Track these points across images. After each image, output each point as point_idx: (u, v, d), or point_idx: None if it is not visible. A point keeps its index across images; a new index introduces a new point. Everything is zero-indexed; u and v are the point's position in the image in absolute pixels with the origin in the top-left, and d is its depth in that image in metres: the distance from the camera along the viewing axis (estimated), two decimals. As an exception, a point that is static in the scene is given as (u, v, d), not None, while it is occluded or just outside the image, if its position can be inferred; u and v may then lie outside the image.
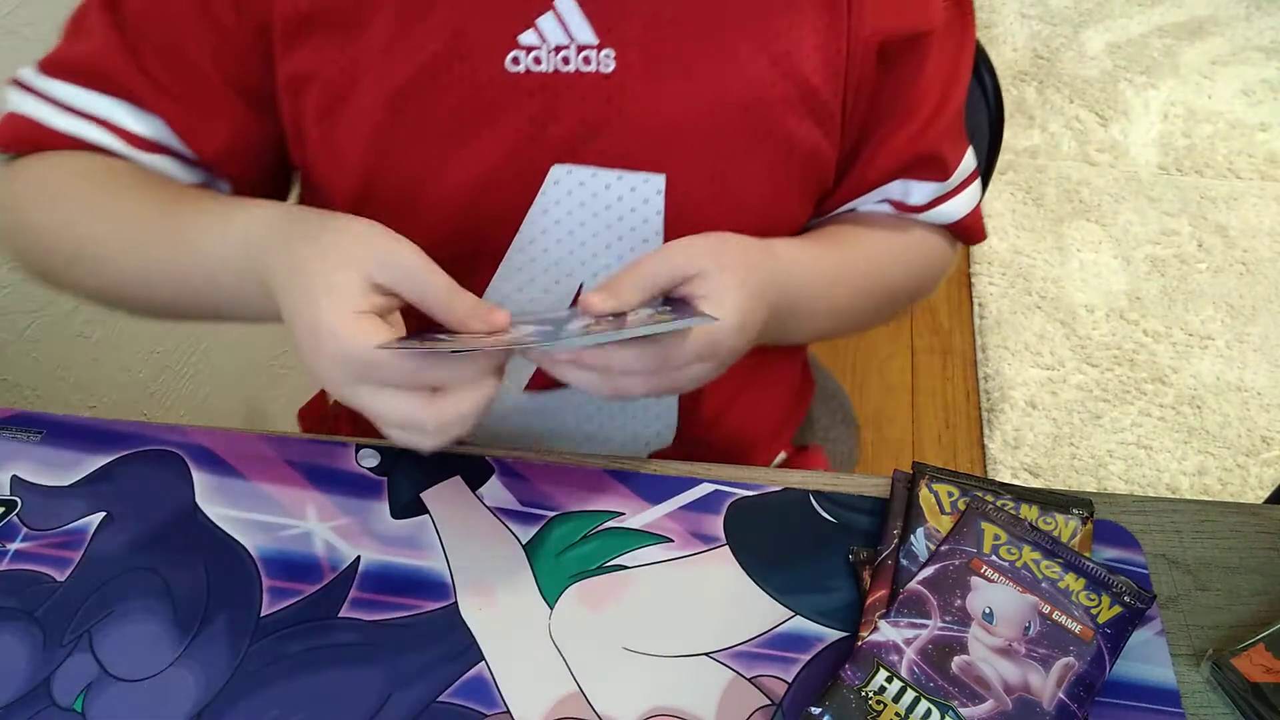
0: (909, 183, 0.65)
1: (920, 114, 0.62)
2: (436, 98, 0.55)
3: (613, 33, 0.54)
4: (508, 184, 0.57)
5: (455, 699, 0.55)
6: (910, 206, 0.66)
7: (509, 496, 0.65)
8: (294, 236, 0.51)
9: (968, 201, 0.68)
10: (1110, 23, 2.65)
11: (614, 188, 0.57)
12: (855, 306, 0.66)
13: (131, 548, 0.62)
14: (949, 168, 0.65)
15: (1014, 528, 0.60)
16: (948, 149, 0.65)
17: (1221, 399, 1.74)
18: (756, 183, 0.59)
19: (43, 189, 0.60)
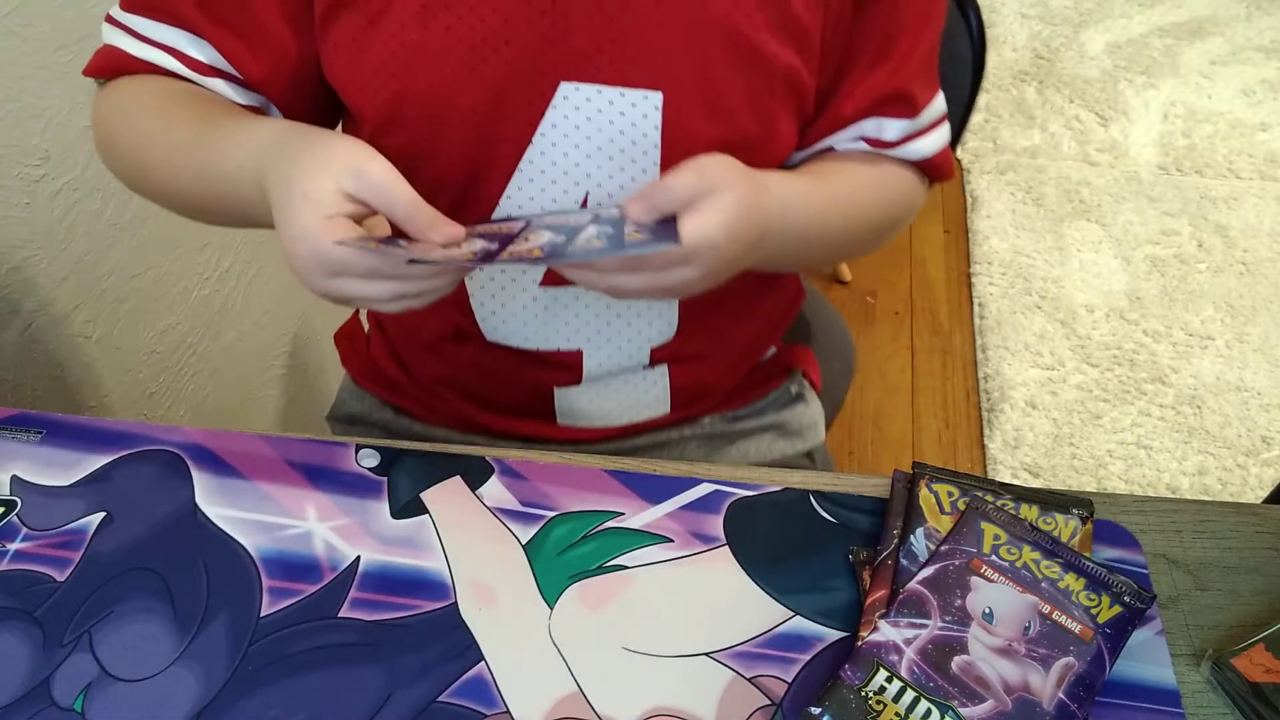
0: (882, 120, 0.69)
1: (894, 53, 0.67)
2: (459, 16, 0.60)
3: None
4: (521, 99, 0.62)
5: (455, 699, 0.55)
6: (883, 143, 0.70)
7: (509, 496, 0.65)
8: (288, 149, 0.57)
9: (937, 141, 0.72)
10: (1110, 23, 2.65)
11: (616, 104, 0.62)
12: (840, 236, 0.70)
13: (131, 548, 0.62)
14: (919, 105, 0.70)
15: (1014, 528, 0.60)
16: (918, 88, 0.69)
17: (1221, 399, 1.74)
18: (744, 102, 0.63)
19: (122, 110, 0.69)
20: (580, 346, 0.73)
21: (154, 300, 1.15)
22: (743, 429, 0.83)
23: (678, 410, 0.79)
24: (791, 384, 0.86)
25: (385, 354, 0.84)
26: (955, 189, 2.22)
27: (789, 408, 0.85)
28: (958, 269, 2.03)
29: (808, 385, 0.89)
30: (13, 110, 0.92)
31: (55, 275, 1.00)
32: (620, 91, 0.62)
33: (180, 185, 0.66)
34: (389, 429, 0.85)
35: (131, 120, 0.68)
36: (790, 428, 0.85)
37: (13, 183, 0.93)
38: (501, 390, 0.78)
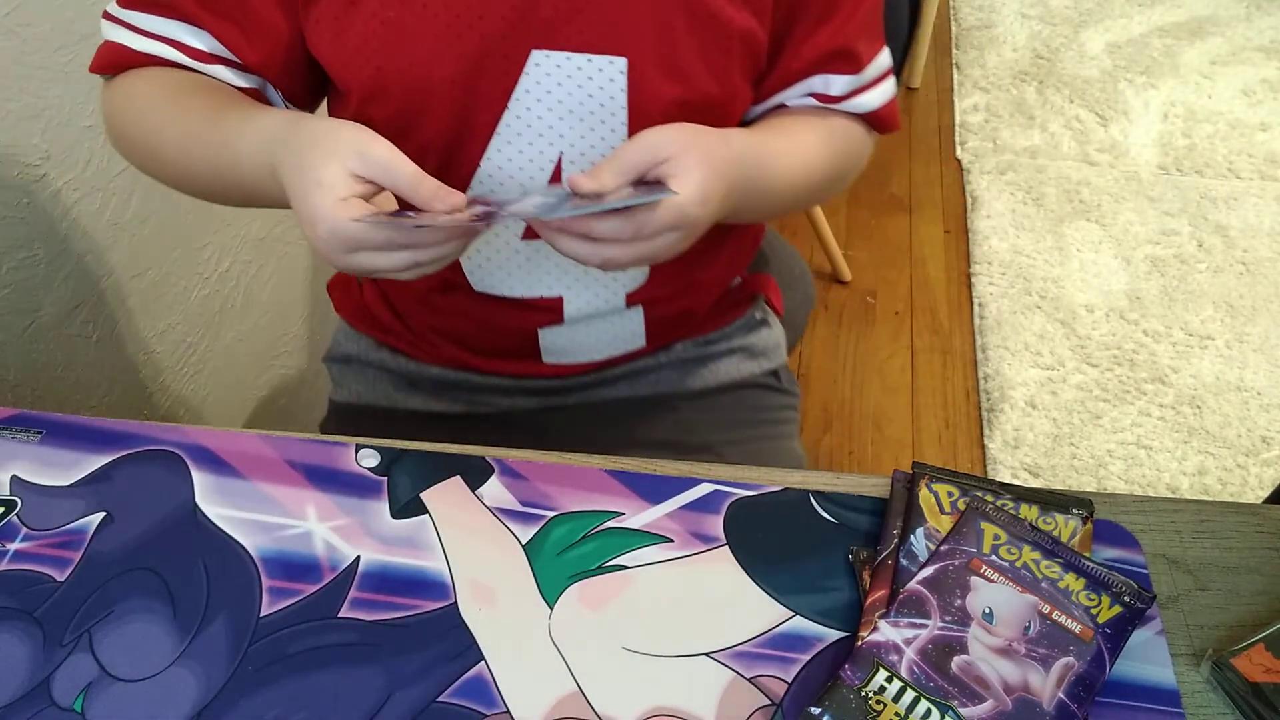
0: (828, 76, 0.74)
1: (838, 12, 0.71)
2: None
3: None
4: (496, 69, 0.66)
5: (455, 699, 0.55)
6: (830, 98, 0.75)
7: (509, 496, 0.65)
8: (295, 141, 0.61)
9: (882, 95, 0.77)
10: (1110, 23, 2.65)
11: (584, 69, 0.66)
12: (796, 186, 0.75)
13: (131, 548, 0.62)
14: (862, 61, 0.74)
15: (1014, 528, 0.60)
16: (862, 45, 0.74)
17: (1221, 399, 1.74)
18: (702, 65, 0.68)
19: (131, 102, 0.72)
20: (561, 293, 0.78)
21: (154, 300, 1.15)
22: (713, 352, 0.89)
23: (653, 342, 0.85)
24: (755, 310, 0.92)
25: (377, 300, 0.87)
26: (955, 189, 2.22)
27: (754, 331, 0.91)
28: (958, 269, 2.03)
29: (770, 311, 0.95)
30: (13, 110, 0.92)
31: (55, 275, 1.00)
32: (587, 58, 0.66)
33: (193, 171, 0.71)
34: (384, 367, 0.89)
35: (142, 112, 0.71)
36: (756, 349, 0.91)
37: (13, 183, 0.93)
38: (490, 335, 0.83)
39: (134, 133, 0.73)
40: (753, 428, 0.88)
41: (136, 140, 0.73)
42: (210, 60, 0.70)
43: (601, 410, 0.87)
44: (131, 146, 0.74)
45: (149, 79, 0.71)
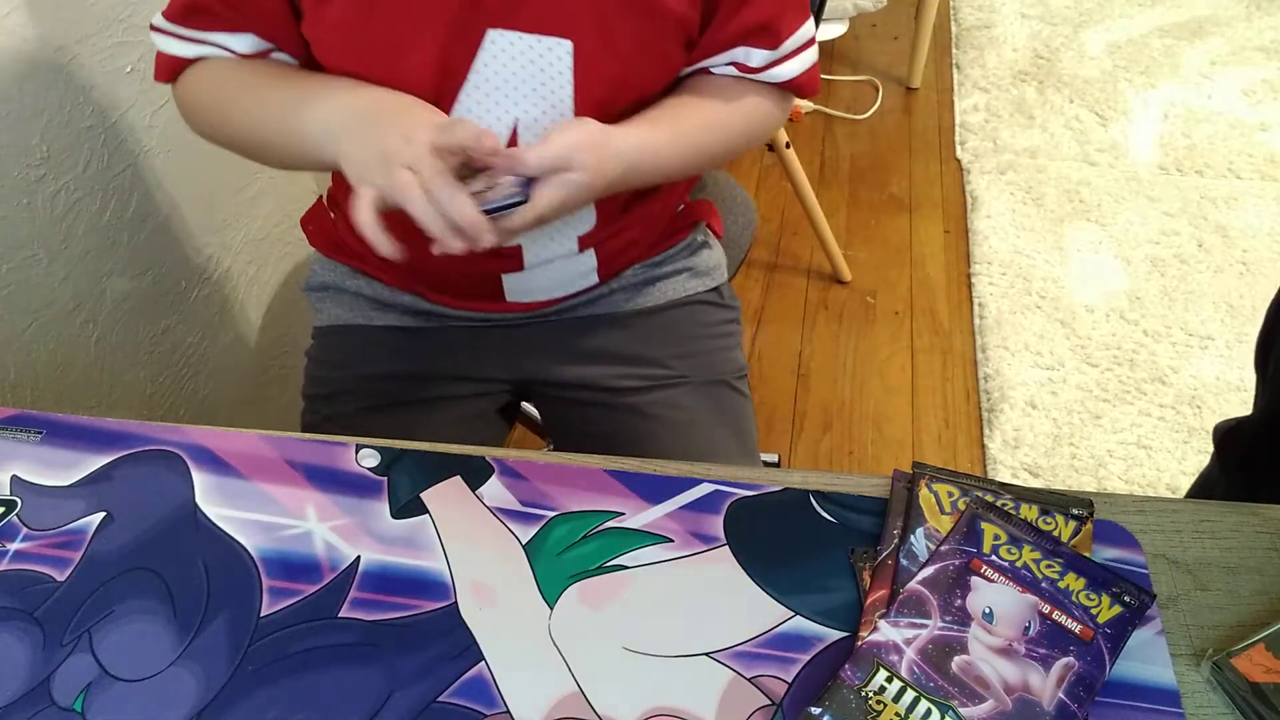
0: (748, 49, 0.81)
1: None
2: None
3: None
4: (459, 46, 0.73)
5: (455, 699, 0.55)
6: (749, 68, 0.83)
7: (509, 496, 0.65)
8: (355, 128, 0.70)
9: (800, 65, 0.84)
10: (1110, 23, 2.65)
11: (535, 48, 0.74)
12: (689, 162, 0.84)
13: (131, 548, 0.62)
14: (781, 37, 0.81)
15: (1014, 528, 0.60)
16: (785, 21, 0.81)
17: (1221, 399, 1.74)
18: (639, 47, 0.76)
19: (198, 98, 0.81)
20: (519, 243, 0.86)
21: (154, 300, 1.15)
22: (660, 274, 0.96)
23: (604, 274, 0.93)
24: (697, 233, 1.00)
25: (349, 231, 0.91)
26: (955, 189, 2.22)
27: (697, 253, 0.99)
28: (958, 269, 2.03)
29: (711, 234, 1.03)
30: (13, 110, 0.92)
31: (55, 275, 1.00)
32: (537, 38, 0.73)
33: (259, 151, 0.80)
34: (360, 292, 0.95)
35: (209, 108, 0.81)
36: (700, 269, 0.99)
37: (13, 183, 0.93)
38: (455, 279, 0.91)
39: (205, 121, 0.82)
40: (699, 341, 0.96)
41: (207, 127, 0.82)
42: (259, 55, 0.79)
43: (561, 326, 0.94)
44: (209, 123, 0.82)
45: (209, 75, 0.80)
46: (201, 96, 0.81)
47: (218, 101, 0.80)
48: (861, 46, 2.66)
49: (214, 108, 0.80)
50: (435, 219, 0.65)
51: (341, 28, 0.73)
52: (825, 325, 1.93)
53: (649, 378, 0.92)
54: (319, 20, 0.74)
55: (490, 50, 0.74)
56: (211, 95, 0.80)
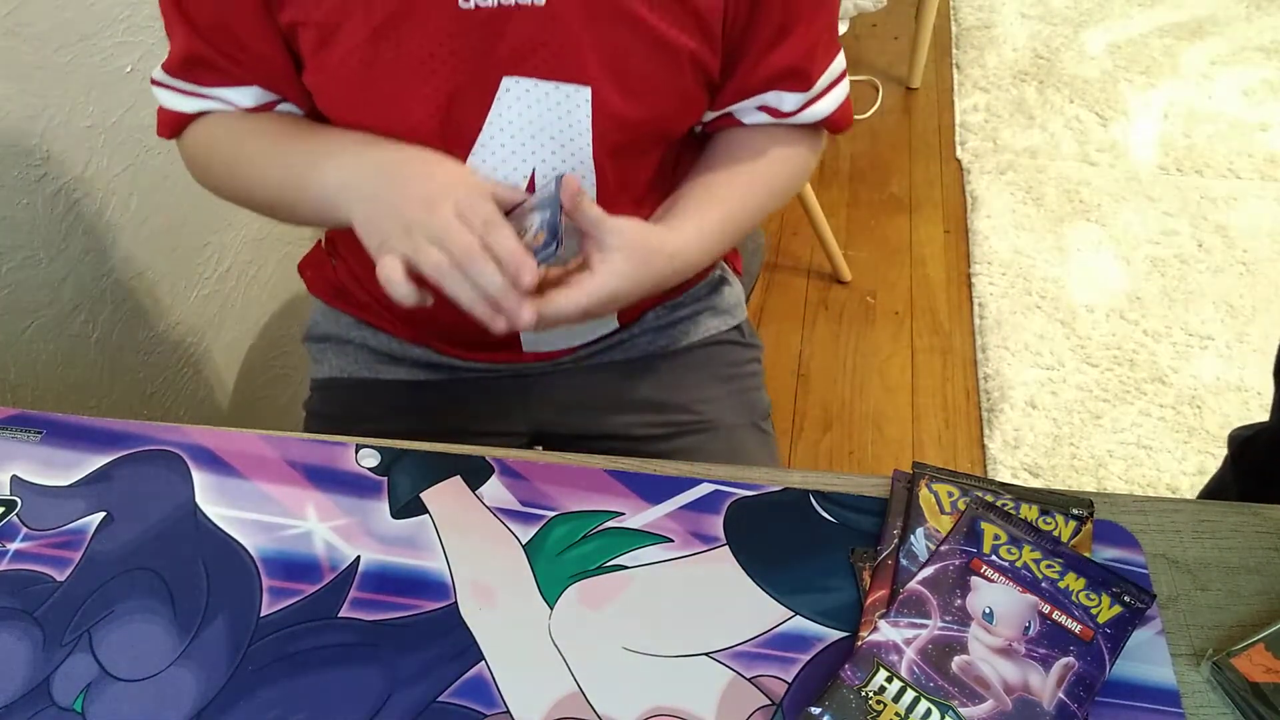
0: (780, 93, 0.78)
1: (791, 36, 0.74)
2: (406, 36, 0.67)
3: None
4: (469, 96, 0.70)
5: (455, 699, 0.55)
6: (781, 113, 0.79)
7: (509, 496, 0.65)
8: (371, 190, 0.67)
9: (832, 102, 0.81)
10: (1110, 23, 2.65)
11: (552, 95, 0.70)
12: (736, 239, 0.81)
13: (131, 548, 0.62)
14: (812, 79, 0.78)
15: (1014, 528, 0.60)
16: (815, 61, 0.77)
17: (1221, 399, 1.74)
18: (659, 87, 0.72)
19: (203, 155, 0.79)
20: None
21: (154, 300, 1.15)
22: (681, 315, 0.93)
23: (624, 320, 0.90)
24: (716, 270, 0.97)
25: (352, 279, 0.89)
26: (955, 189, 2.22)
27: (717, 291, 0.96)
28: (958, 269, 2.03)
29: (729, 270, 0.99)
30: (13, 110, 0.92)
31: (55, 275, 1.00)
32: (555, 85, 0.70)
33: (269, 209, 0.78)
34: (365, 344, 0.91)
35: (214, 162, 0.78)
36: (721, 307, 0.95)
37: (13, 183, 0.93)
38: (472, 330, 0.87)
39: (211, 176, 0.79)
40: (723, 383, 0.93)
41: (214, 181, 0.80)
42: (264, 108, 0.76)
43: (580, 374, 0.90)
44: (216, 180, 0.80)
45: (213, 130, 0.77)
46: (207, 153, 0.78)
47: (224, 158, 0.77)
48: (861, 46, 2.66)
49: (220, 165, 0.78)
50: (476, 300, 0.62)
51: (344, 76, 0.70)
52: (825, 325, 1.93)
53: (673, 424, 0.89)
54: (320, 67, 0.71)
55: (506, 99, 0.70)
56: (217, 152, 0.78)
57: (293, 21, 0.69)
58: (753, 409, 0.93)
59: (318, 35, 0.68)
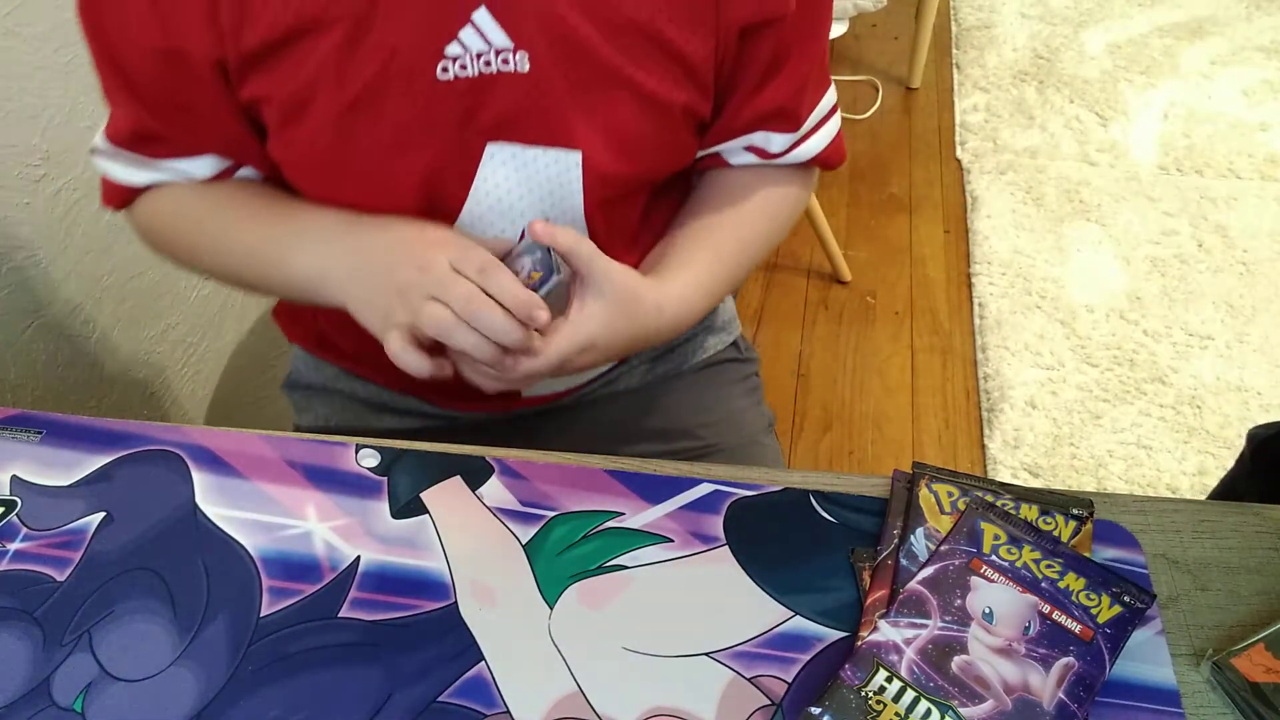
0: (767, 134, 0.75)
1: (781, 73, 0.71)
2: (381, 111, 0.63)
3: (524, 36, 0.62)
4: (452, 166, 0.67)
5: (455, 699, 0.55)
6: (769, 154, 0.76)
7: (509, 496, 0.65)
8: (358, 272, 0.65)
9: (823, 139, 0.78)
10: (1110, 23, 2.65)
11: (540, 159, 0.67)
12: (730, 286, 0.78)
13: (131, 548, 0.62)
14: (801, 118, 0.75)
15: (1014, 528, 0.60)
16: (805, 99, 0.75)
17: (1221, 399, 1.74)
18: (651, 144, 0.70)
19: (158, 228, 0.74)
20: None
21: (154, 300, 1.15)
22: (677, 340, 0.91)
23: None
24: None
25: (336, 327, 0.85)
26: (955, 189, 2.22)
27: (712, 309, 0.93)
28: (958, 269, 2.03)
29: None
30: (13, 110, 0.92)
31: (55, 275, 1.00)
32: (542, 150, 0.67)
33: (237, 285, 0.75)
34: (354, 395, 0.88)
35: (173, 237, 0.74)
36: (716, 325, 0.93)
37: (13, 183, 0.93)
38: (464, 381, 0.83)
39: (169, 251, 0.75)
40: (725, 403, 0.92)
41: (172, 255, 0.75)
42: (223, 175, 0.72)
43: (580, 411, 0.88)
44: (167, 256, 0.76)
45: (172, 203, 0.72)
46: (163, 228, 0.73)
47: (184, 235, 0.73)
48: (861, 46, 2.66)
49: (180, 241, 0.73)
50: (485, 348, 0.59)
51: (316, 152, 0.65)
52: (825, 325, 1.93)
53: (678, 452, 0.87)
54: (288, 143, 0.66)
55: (490, 165, 0.67)
56: (176, 228, 0.73)
57: (255, 97, 0.65)
58: (755, 425, 0.91)
59: (284, 111, 0.64)
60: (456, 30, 0.62)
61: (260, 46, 0.61)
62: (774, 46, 0.69)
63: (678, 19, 0.65)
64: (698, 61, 0.67)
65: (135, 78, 0.66)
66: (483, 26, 0.62)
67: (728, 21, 0.66)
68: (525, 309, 0.59)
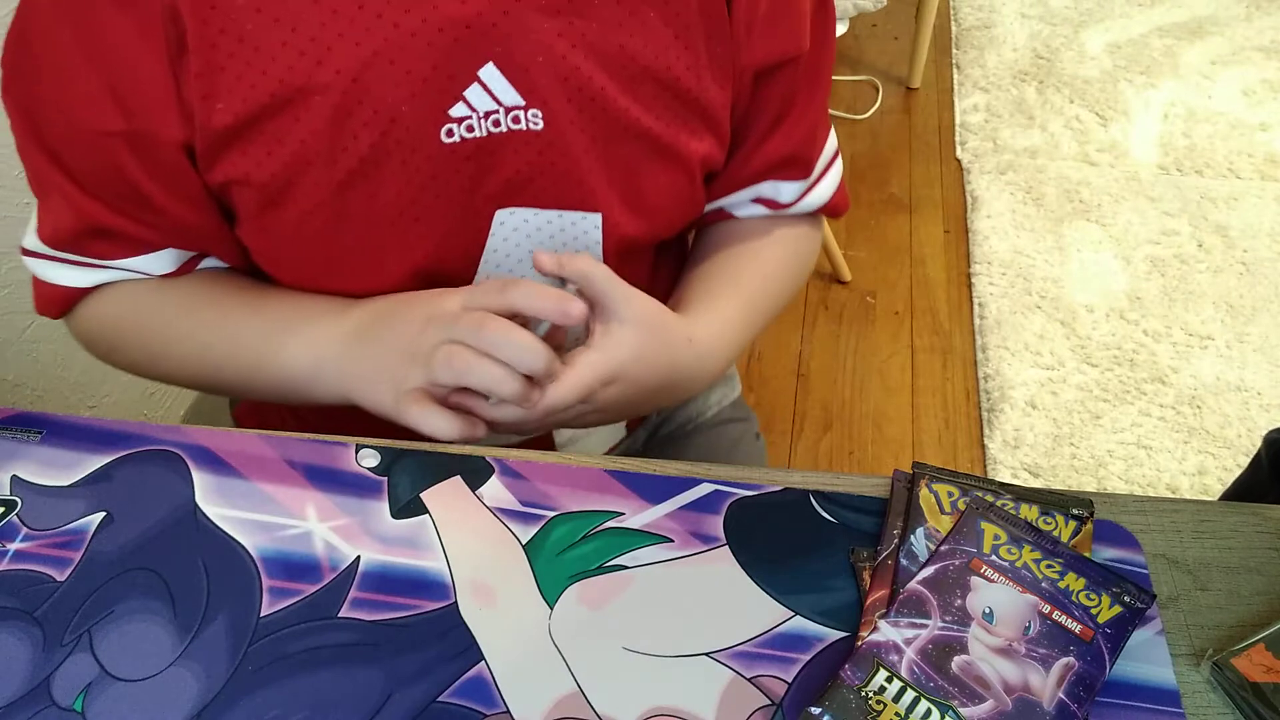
0: (776, 183, 0.72)
1: (789, 119, 0.68)
2: (378, 185, 0.58)
3: (536, 92, 0.58)
4: (457, 239, 0.62)
5: (455, 699, 0.55)
6: (780, 204, 0.73)
7: (509, 496, 0.65)
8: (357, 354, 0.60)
9: (830, 185, 0.75)
10: (1110, 23, 2.65)
11: (555, 222, 0.63)
12: (754, 331, 0.73)
13: (131, 548, 0.62)
14: (811, 165, 0.72)
15: (1014, 528, 0.60)
16: (814, 147, 0.72)
17: (1221, 399, 1.74)
18: (669, 198, 0.66)
19: (107, 334, 0.66)
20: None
21: (154, 300, 1.15)
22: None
23: (634, 424, 0.84)
24: None
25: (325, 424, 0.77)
26: (955, 189, 2.22)
27: None
28: (958, 269, 2.03)
29: None
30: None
31: (55, 275, 1.00)
32: (558, 213, 0.63)
33: (218, 382, 0.67)
34: None
35: (147, 330, 0.66)
36: (716, 383, 0.91)
37: (13, 183, 0.93)
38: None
39: (123, 361, 0.68)
40: (732, 463, 0.87)
41: (139, 366, 0.68)
42: (184, 269, 0.65)
43: None
44: (134, 370, 0.69)
45: (124, 305, 0.64)
46: (114, 334, 0.66)
47: (144, 339, 0.65)
48: (861, 46, 2.66)
49: (135, 347, 0.66)
50: (506, 380, 0.54)
51: (304, 238, 0.60)
52: (825, 325, 1.93)
53: None
54: (266, 229, 0.60)
55: (501, 233, 0.62)
56: (130, 333, 0.65)
57: (227, 180, 0.58)
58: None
59: (264, 194, 0.58)
60: (461, 90, 0.57)
61: (235, 123, 0.55)
62: (786, 88, 0.66)
63: (696, 66, 0.61)
64: (717, 109, 0.64)
65: (81, 169, 0.59)
66: (491, 84, 0.57)
67: (744, 64, 0.63)
68: (558, 302, 0.54)
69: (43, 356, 1.01)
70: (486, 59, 0.56)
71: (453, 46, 0.56)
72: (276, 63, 0.54)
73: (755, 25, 0.63)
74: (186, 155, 0.57)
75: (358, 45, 0.54)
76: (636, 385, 0.59)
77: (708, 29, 0.61)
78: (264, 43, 0.54)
